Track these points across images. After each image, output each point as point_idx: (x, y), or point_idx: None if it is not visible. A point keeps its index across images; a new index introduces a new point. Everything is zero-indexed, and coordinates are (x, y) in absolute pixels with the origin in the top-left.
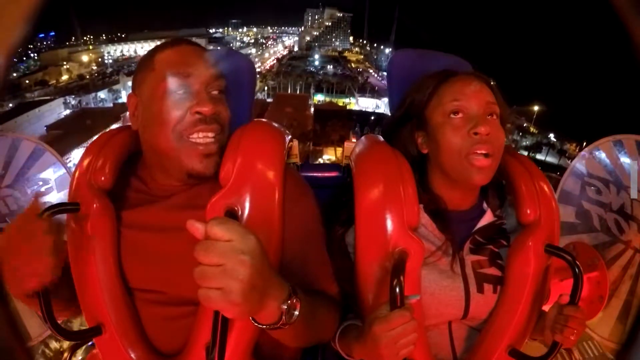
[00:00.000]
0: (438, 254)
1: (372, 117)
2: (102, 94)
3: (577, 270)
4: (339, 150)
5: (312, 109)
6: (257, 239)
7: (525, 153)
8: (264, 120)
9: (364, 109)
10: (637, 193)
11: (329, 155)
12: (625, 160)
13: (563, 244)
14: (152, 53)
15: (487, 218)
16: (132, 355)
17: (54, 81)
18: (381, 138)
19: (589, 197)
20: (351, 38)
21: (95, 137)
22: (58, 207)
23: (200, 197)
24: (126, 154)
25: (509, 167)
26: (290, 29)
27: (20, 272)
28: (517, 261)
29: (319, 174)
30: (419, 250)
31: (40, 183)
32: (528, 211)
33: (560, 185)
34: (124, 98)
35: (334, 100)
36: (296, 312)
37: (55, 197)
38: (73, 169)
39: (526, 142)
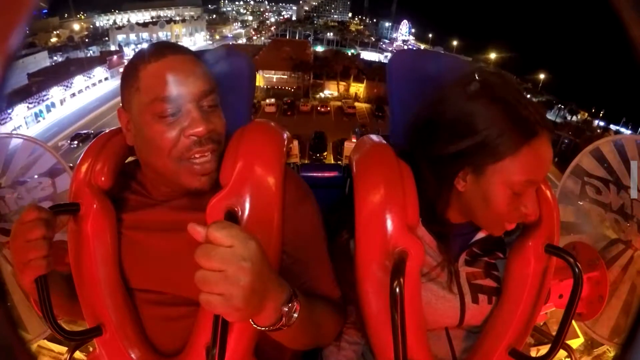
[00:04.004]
0: (436, 270)
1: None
2: (91, 50)
3: (577, 270)
4: (342, 84)
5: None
6: (257, 244)
7: None
8: (263, 120)
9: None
10: (637, 193)
11: (330, 91)
12: (625, 160)
13: (563, 244)
14: (135, 66)
15: (485, 231)
16: (133, 356)
17: (43, 43)
18: (381, 138)
19: (589, 197)
20: (350, 14)
21: (76, 77)
22: (58, 208)
23: (200, 198)
24: (127, 155)
25: None
26: (288, 5)
27: (17, 261)
28: (517, 261)
29: (319, 174)
30: (419, 250)
31: (40, 183)
32: None
33: (560, 185)
34: (112, 48)
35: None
36: (295, 315)
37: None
38: (73, 169)
39: (535, 99)
